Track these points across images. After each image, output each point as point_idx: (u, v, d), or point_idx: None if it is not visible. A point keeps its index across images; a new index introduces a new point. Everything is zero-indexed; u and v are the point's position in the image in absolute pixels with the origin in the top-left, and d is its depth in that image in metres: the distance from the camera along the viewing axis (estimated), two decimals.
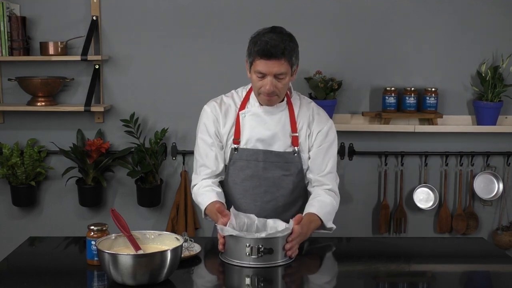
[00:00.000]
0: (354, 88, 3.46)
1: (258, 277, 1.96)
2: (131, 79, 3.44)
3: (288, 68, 2.23)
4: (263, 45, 2.18)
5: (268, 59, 2.18)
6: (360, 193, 3.54)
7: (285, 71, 2.22)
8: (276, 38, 2.19)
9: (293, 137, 2.35)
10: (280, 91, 2.27)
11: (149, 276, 1.81)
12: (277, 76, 2.22)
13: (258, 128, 2.34)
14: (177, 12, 3.39)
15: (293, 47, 2.25)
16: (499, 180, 3.49)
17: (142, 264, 1.80)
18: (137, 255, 1.84)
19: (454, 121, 3.47)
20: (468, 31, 3.42)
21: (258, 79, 2.25)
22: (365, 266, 2.09)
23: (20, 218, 3.55)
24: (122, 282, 1.82)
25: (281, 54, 2.18)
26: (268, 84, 2.22)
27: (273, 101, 2.32)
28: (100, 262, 1.85)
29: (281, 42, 2.19)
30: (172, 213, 3.44)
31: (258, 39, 2.21)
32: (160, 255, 1.82)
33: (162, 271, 1.82)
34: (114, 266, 1.80)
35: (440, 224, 3.54)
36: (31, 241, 2.32)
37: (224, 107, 2.39)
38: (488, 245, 2.48)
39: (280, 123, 2.35)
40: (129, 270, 1.79)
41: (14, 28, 3.27)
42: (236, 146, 2.35)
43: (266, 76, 2.22)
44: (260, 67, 2.21)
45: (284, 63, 2.20)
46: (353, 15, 3.40)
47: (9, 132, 3.46)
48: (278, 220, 2.17)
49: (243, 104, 2.39)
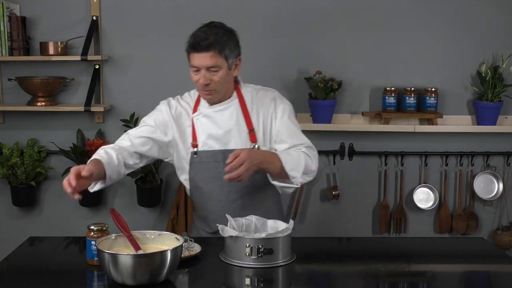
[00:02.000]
0: (354, 88, 3.46)
1: (258, 277, 1.96)
2: (131, 79, 3.44)
3: (222, 61, 2.23)
4: (193, 39, 2.24)
5: (197, 52, 2.22)
6: (360, 193, 3.54)
7: (217, 64, 2.22)
8: (207, 31, 2.23)
9: (250, 133, 2.34)
10: (216, 84, 2.26)
11: (149, 276, 1.81)
12: (210, 69, 2.23)
13: (211, 129, 2.33)
14: (177, 12, 3.39)
15: (227, 41, 2.24)
16: (499, 180, 3.49)
17: (142, 264, 1.80)
18: (137, 255, 1.84)
19: (454, 121, 3.47)
20: (468, 31, 3.42)
21: (194, 73, 2.27)
22: (365, 266, 2.09)
23: (20, 218, 3.55)
24: (122, 282, 1.82)
25: (210, 47, 2.20)
26: (201, 77, 2.24)
27: (213, 97, 2.31)
28: (100, 262, 1.85)
29: (212, 35, 2.21)
30: (172, 213, 3.43)
31: (192, 34, 2.27)
32: (160, 255, 1.82)
33: (162, 271, 1.82)
34: (114, 266, 1.79)
35: (440, 224, 3.54)
36: (31, 241, 2.32)
37: (179, 111, 2.39)
38: (488, 245, 2.48)
39: (232, 120, 2.34)
40: (129, 270, 1.79)
41: (14, 28, 3.27)
42: (195, 150, 2.34)
43: (200, 69, 2.24)
44: (193, 61, 2.25)
45: (215, 56, 2.21)
46: (353, 15, 3.40)
47: (9, 132, 3.46)
48: (278, 221, 2.17)
49: (195, 106, 2.39)
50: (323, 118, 3.36)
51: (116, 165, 2.22)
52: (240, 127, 2.34)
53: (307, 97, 3.40)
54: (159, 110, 2.41)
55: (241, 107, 2.36)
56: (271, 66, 3.40)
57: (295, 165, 2.21)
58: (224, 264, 2.04)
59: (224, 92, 2.33)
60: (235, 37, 2.30)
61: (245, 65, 3.39)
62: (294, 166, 2.21)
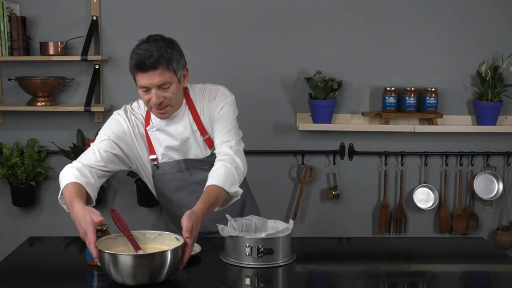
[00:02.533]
0: (354, 88, 3.46)
1: (258, 277, 1.96)
2: (131, 79, 3.41)
3: (171, 76, 2.14)
4: (136, 58, 2.11)
5: (144, 71, 2.10)
6: (360, 193, 3.54)
7: (167, 80, 2.13)
8: (150, 48, 2.11)
9: (206, 139, 2.29)
10: (170, 100, 2.17)
11: (149, 276, 1.81)
12: (161, 87, 2.13)
13: (168, 141, 2.28)
14: (177, 12, 3.39)
15: (171, 54, 2.14)
16: (499, 180, 3.49)
17: (142, 264, 1.80)
18: (137, 255, 1.84)
19: (454, 121, 3.47)
20: (468, 31, 3.42)
21: (144, 93, 2.16)
22: (365, 266, 2.09)
23: (20, 218, 3.54)
24: (122, 282, 1.82)
25: (157, 63, 2.09)
26: (153, 96, 2.13)
27: (168, 113, 2.22)
28: (100, 262, 1.85)
29: (156, 50, 2.10)
30: None
31: (134, 52, 2.14)
32: (160, 255, 1.82)
33: (162, 271, 1.82)
34: (114, 266, 1.79)
35: (440, 224, 3.54)
36: (31, 241, 2.32)
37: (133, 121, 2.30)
38: (488, 245, 2.48)
39: (186, 130, 2.28)
40: (129, 270, 1.78)
41: (14, 28, 3.27)
42: (156, 163, 2.30)
43: (150, 89, 2.14)
44: (141, 81, 2.14)
45: (163, 72, 2.11)
46: (353, 15, 3.40)
47: (9, 132, 3.46)
48: (278, 221, 2.17)
49: (147, 119, 2.31)
50: (323, 118, 3.36)
51: (94, 183, 2.16)
52: (195, 135, 2.29)
53: (307, 97, 3.40)
54: (117, 121, 2.30)
55: (192, 114, 2.29)
56: (271, 66, 3.40)
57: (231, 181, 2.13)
58: (224, 264, 2.04)
59: (177, 106, 2.25)
60: (178, 48, 2.21)
61: (245, 65, 3.40)
62: (232, 182, 2.13)
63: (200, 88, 2.34)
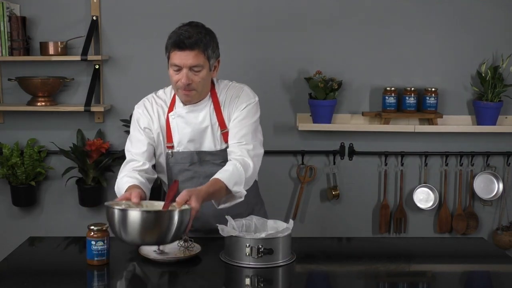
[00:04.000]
0: (354, 88, 3.46)
1: (258, 277, 1.96)
2: (131, 79, 3.44)
3: (204, 61, 2.19)
4: (176, 37, 2.17)
5: (181, 50, 2.16)
6: (360, 193, 3.55)
7: (200, 64, 2.18)
8: (190, 30, 2.18)
9: (223, 134, 2.31)
10: (197, 85, 2.22)
11: (157, 236, 1.82)
12: (192, 69, 2.18)
13: (186, 129, 2.31)
14: (176, 12, 3.39)
15: (209, 41, 2.21)
16: (499, 180, 3.49)
17: (150, 220, 1.80)
18: (145, 211, 1.84)
19: (454, 121, 3.47)
20: (468, 31, 3.42)
21: (175, 73, 2.21)
22: (365, 266, 2.09)
23: (20, 218, 3.55)
24: (130, 241, 1.84)
25: (195, 45, 2.15)
26: (184, 77, 2.18)
27: (192, 97, 2.26)
28: (110, 223, 1.85)
29: (196, 34, 2.17)
30: None
31: (173, 32, 2.21)
32: (168, 214, 1.84)
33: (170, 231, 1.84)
34: (123, 224, 1.79)
35: (440, 224, 3.54)
36: (31, 241, 2.32)
37: (155, 108, 2.36)
38: (488, 245, 2.48)
39: (205, 121, 2.30)
40: (138, 227, 1.78)
41: (14, 28, 3.27)
42: (171, 151, 2.33)
43: (182, 69, 2.19)
44: (175, 59, 2.19)
45: (198, 55, 2.17)
46: (353, 15, 3.40)
47: (9, 132, 3.46)
48: (278, 221, 2.18)
49: (171, 105, 2.35)
50: (323, 118, 3.36)
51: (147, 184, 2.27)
52: (214, 128, 2.31)
53: (307, 97, 3.40)
54: (138, 115, 2.37)
55: (215, 108, 2.31)
56: (271, 66, 3.40)
57: (236, 180, 2.16)
58: (224, 264, 2.04)
59: (202, 92, 2.29)
60: (216, 39, 2.26)
61: (246, 65, 3.40)
62: (236, 181, 2.16)
63: (225, 84, 2.38)
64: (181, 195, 1.97)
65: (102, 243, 2.00)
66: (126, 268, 2.03)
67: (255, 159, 2.25)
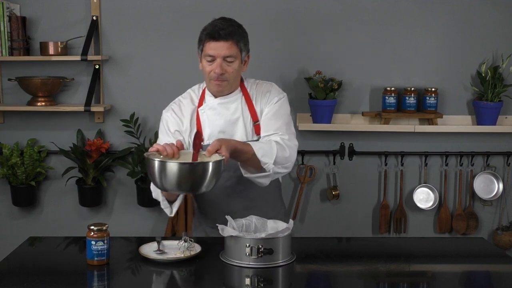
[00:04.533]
0: (354, 88, 3.46)
1: (258, 277, 1.96)
2: (131, 79, 3.44)
3: (237, 52, 2.27)
4: (211, 28, 2.26)
5: (216, 40, 2.23)
6: (360, 193, 3.55)
7: (234, 54, 2.25)
8: (224, 23, 2.27)
9: (255, 125, 2.34)
10: (230, 75, 2.28)
11: (191, 185, 1.92)
12: (226, 59, 2.25)
13: (217, 121, 2.33)
14: (177, 12, 3.39)
15: (242, 34, 2.31)
16: (499, 180, 3.49)
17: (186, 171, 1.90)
18: (182, 163, 1.91)
19: (454, 121, 3.47)
20: (468, 31, 3.42)
21: (208, 63, 2.27)
22: (365, 266, 2.09)
23: (20, 218, 3.55)
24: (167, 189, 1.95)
25: (229, 36, 2.24)
26: (218, 66, 2.24)
27: (223, 88, 2.31)
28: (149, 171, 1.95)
29: (229, 26, 2.26)
30: None
31: (208, 24, 2.30)
32: (202, 165, 1.93)
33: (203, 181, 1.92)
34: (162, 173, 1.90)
35: (440, 224, 3.54)
36: (31, 241, 2.32)
37: (183, 109, 2.39)
38: (488, 245, 2.48)
39: (237, 112, 2.35)
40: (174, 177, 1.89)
41: (14, 28, 3.27)
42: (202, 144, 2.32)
43: (216, 59, 2.25)
44: (209, 50, 2.25)
45: (232, 46, 2.25)
46: (353, 15, 3.40)
47: (9, 132, 3.46)
48: (278, 221, 2.18)
49: (201, 101, 2.40)
50: (323, 118, 3.36)
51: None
52: (245, 119, 2.35)
53: (307, 97, 3.40)
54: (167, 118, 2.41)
55: (246, 101, 2.37)
56: (271, 66, 3.40)
57: (266, 151, 2.20)
58: (224, 264, 2.04)
59: (233, 86, 2.35)
60: (247, 34, 2.35)
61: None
62: (266, 152, 2.19)
63: (253, 81, 2.45)
64: (212, 144, 2.02)
65: (102, 243, 2.00)
66: (126, 268, 2.04)
67: (290, 149, 2.27)
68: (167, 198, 2.27)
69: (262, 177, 2.22)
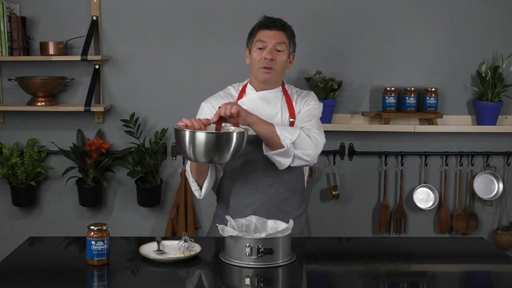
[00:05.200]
0: (354, 88, 3.46)
1: (258, 277, 1.96)
2: (131, 79, 3.44)
3: (287, 44, 2.38)
4: (266, 19, 2.40)
5: (270, 29, 2.36)
6: (360, 193, 3.55)
7: (284, 43, 2.36)
8: (277, 18, 2.42)
9: (291, 122, 2.40)
10: (278, 65, 2.36)
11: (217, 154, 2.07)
12: (276, 48, 2.34)
13: (256, 112, 2.35)
14: (177, 12, 3.39)
15: (292, 31, 2.43)
16: (499, 180, 3.49)
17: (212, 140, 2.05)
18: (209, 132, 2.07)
19: (454, 121, 3.47)
20: (468, 31, 3.42)
21: (259, 51, 2.36)
22: (365, 266, 2.09)
23: (20, 218, 3.55)
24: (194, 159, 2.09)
25: (282, 27, 2.37)
26: (269, 52, 2.33)
27: (271, 76, 2.38)
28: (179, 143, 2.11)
29: (282, 20, 2.41)
30: (172, 213, 3.44)
31: (263, 17, 2.44)
32: (227, 135, 2.08)
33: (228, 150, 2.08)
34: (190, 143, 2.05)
35: (440, 224, 3.54)
36: (31, 241, 2.32)
37: (221, 101, 2.43)
38: (488, 245, 2.48)
39: (276, 107, 2.42)
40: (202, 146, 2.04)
41: (14, 28, 3.27)
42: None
43: (267, 46, 2.34)
44: (261, 36, 2.36)
45: (284, 36, 2.37)
46: (353, 15, 3.40)
47: (9, 132, 3.46)
48: (278, 221, 2.18)
49: (241, 94, 2.46)
50: (323, 118, 3.32)
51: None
52: (283, 115, 2.41)
53: None
54: (204, 108, 2.46)
55: (286, 99, 2.44)
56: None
57: (288, 130, 2.28)
58: (224, 264, 2.04)
59: (278, 79, 2.41)
60: (294, 33, 2.45)
61: (246, 64, 3.39)
62: (287, 130, 2.27)
63: (294, 87, 2.53)
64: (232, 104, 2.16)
65: (102, 243, 2.00)
66: (126, 268, 2.03)
67: (315, 140, 2.33)
68: (197, 181, 2.37)
69: (281, 155, 2.27)
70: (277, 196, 2.41)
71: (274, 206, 2.39)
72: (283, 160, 2.28)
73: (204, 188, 2.38)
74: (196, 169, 2.33)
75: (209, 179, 2.37)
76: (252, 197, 2.39)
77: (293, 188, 2.45)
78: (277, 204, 2.40)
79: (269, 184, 2.40)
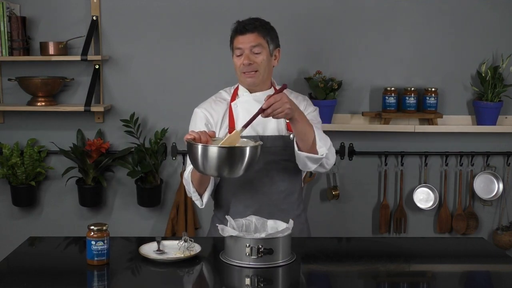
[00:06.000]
0: (354, 88, 3.46)
1: (258, 277, 1.96)
2: (131, 79, 3.44)
3: (264, 43, 2.37)
4: (238, 24, 2.40)
5: (242, 34, 2.37)
6: (360, 193, 3.55)
7: (259, 44, 2.36)
8: (251, 20, 2.41)
9: (288, 122, 2.39)
10: (259, 65, 2.37)
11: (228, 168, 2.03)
12: (252, 50, 2.35)
13: (251, 112, 2.32)
14: (177, 12, 3.39)
15: (268, 28, 2.41)
16: (499, 180, 3.49)
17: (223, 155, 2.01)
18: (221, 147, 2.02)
19: (454, 121, 3.47)
20: (468, 31, 3.42)
21: (238, 58, 2.38)
22: (365, 266, 2.09)
23: (20, 218, 3.55)
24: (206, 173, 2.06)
25: (254, 29, 2.36)
26: (245, 58, 2.35)
27: (255, 79, 2.38)
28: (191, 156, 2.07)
29: (255, 21, 2.40)
30: (172, 213, 3.44)
31: (236, 22, 2.43)
32: (240, 150, 2.04)
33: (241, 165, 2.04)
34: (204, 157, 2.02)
35: (440, 224, 3.54)
36: (31, 241, 2.32)
37: (215, 106, 2.44)
38: (488, 245, 2.48)
39: None
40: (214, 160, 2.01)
41: (14, 28, 3.27)
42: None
43: (244, 51, 2.36)
44: (236, 44, 2.38)
45: (258, 37, 2.36)
46: (353, 15, 3.40)
47: (9, 132, 3.46)
48: (278, 221, 2.18)
49: (233, 97, 2.47)
50: (323, 118, 3.32)
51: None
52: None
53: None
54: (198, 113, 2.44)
55: None
56: None
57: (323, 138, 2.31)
58: (224, 264, 2.04)
59: (265, 79, 2.41)
60: (274, 30, 2.46)
61: None
62: (323, 138, 2.31)
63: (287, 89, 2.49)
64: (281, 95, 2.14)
65: (102, 243, 2.00)
66: (126, 268, 2.04)
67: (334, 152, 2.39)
68: (197, 191, 2.36)
69: (312, 160, 2.28)
70: (277, 195, 2.41)
71: (275, 205, 2.40)
72: (310, 164, 2.31)
73: (206, 197, 2.38)
74: (199, 179, 2.32)
75: (210, 186, 2.37)
76: (253, 198, 2.39)
77: (293, 187, 2.45)
78: (277, 204, 2.40)
79: (269, 184, 2.40)
